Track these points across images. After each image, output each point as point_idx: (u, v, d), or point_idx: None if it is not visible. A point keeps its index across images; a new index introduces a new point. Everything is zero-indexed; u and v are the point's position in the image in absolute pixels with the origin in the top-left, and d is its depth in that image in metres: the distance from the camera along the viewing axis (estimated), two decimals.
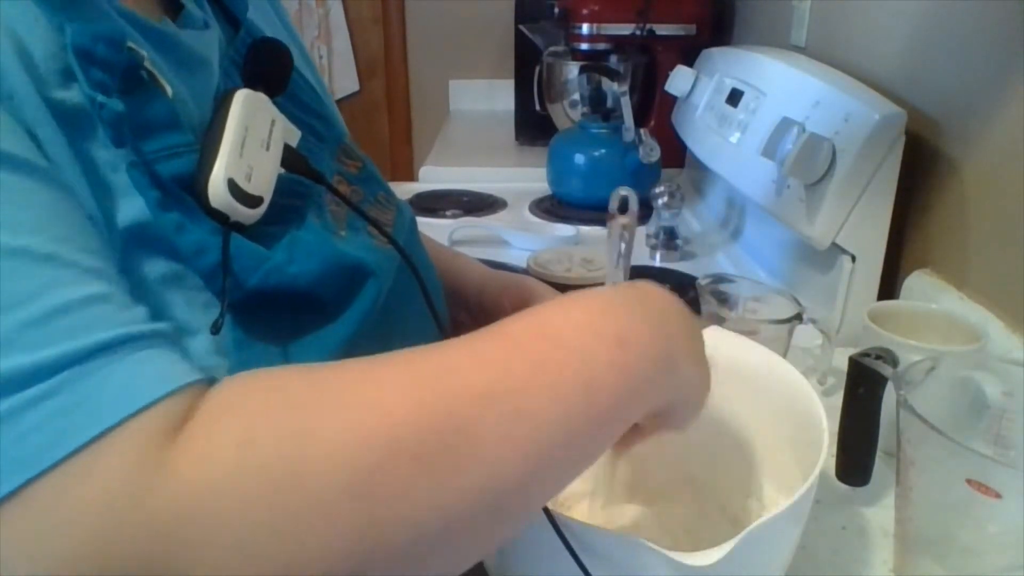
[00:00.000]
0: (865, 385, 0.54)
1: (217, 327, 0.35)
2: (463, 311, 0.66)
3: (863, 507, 0.60)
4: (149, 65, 0.36)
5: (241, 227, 0.38)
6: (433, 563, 0.29)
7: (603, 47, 1.47)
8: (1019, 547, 0.44)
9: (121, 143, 0.34)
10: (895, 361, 0.54)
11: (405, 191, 1.37)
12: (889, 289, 0.85)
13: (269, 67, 0.46)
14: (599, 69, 1.32)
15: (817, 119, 0.85)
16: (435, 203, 1.33)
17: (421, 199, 1.34)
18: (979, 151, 0.74)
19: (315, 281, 0.40)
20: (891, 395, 0.50)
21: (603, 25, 1.45)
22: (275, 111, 0.42)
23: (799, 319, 0.67)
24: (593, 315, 0.34)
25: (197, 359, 0.35)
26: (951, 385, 0.53)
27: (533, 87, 1.59)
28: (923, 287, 0.78)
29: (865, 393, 0.55)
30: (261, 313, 0.38)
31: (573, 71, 1.47)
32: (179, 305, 0.36)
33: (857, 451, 0.57)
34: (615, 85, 1.25)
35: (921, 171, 0.81)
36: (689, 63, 1.31)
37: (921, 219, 0.83)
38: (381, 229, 0.47)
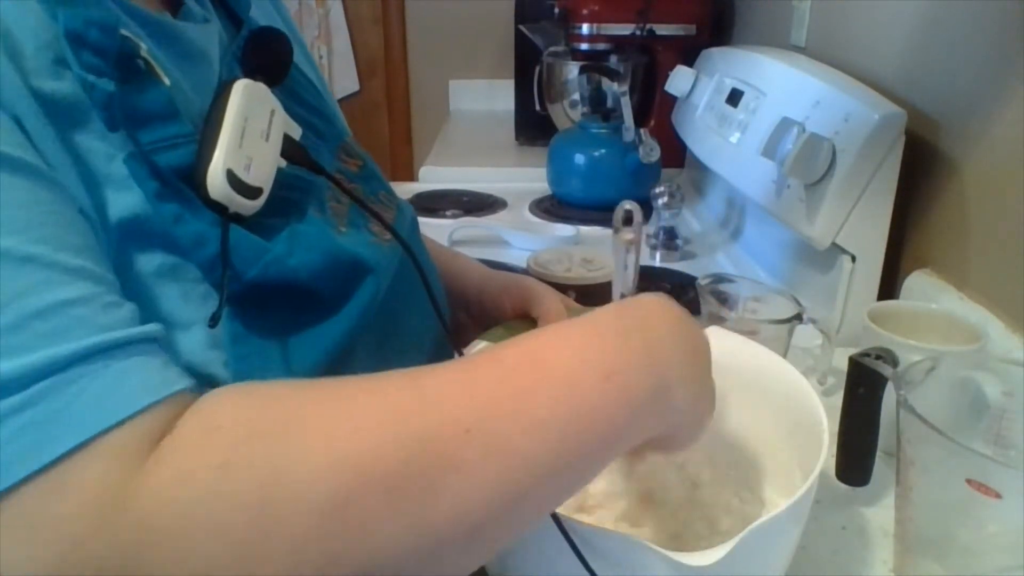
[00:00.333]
0: (865, 385, 0.54)
1: (216, 319, 0.35)
2: (463, 311, 0.66)
3: (863, 507, 0.60)
4: (146, 54, 0.36)
5: (241, 218, 0.38)
6: None
7: (603, 47, 1.47)
8: (1019, 547, 0.44)
9: (114, 126, 0.34)
10: (895, 361, 0.54)
11: (405, 191, 1.37)
12: (889, 289, 0.85)
13: (268, 56, 0.45)
14: (599, 69, 1.32)
15: (817, 119, 0.85)
16: (435, 203, 1.33)
17: (421, 199, 1.34)
18: (979, 151, 0.74)
19: (314, 275, 0.40)
20: (891, 395, 0.50)
21: (603, 25, 1.45)
22: (274, 101, 0.42)
23: (799, 319, 0.67)
24: (585, 347, 0.34)
25: (192, 354, 0.35)
26: (951, 385, 0.53)
27: (533, 87, 1.59)
28: (923, 287, 0.78)
29: (865, 393, 0.55)
30: (259, 307, 0.38)
31: (573, 71, 1.47)
32: (175, 298, 0.35)
33: (857, 451, 0.57)
34: (615, 85, 1.25)
35: (921, 171, 0.81)
36: (689, 63, 1.30)
37: (921, 219, 0.83)
38: (384, 222, 0.47)
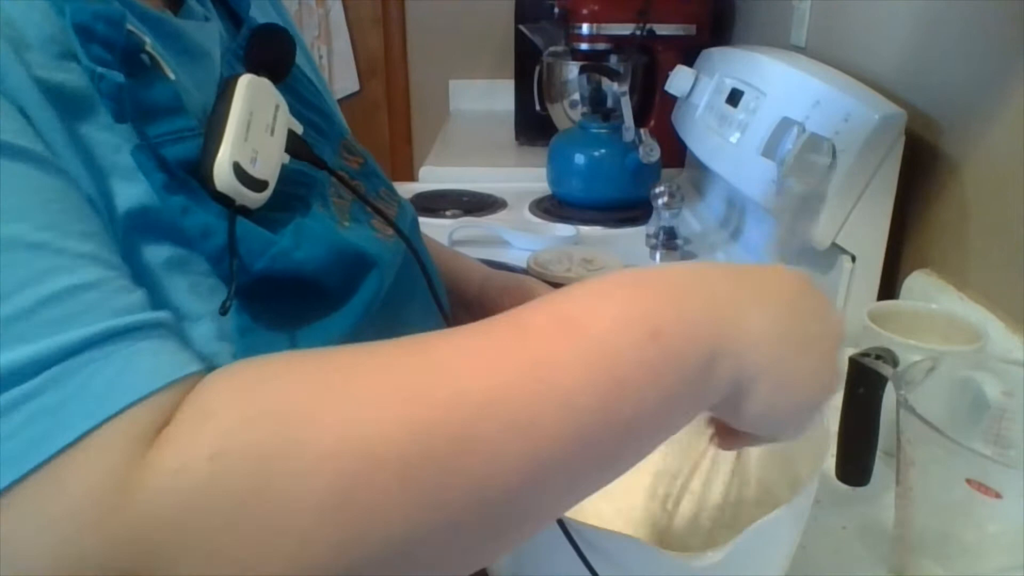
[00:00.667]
0: (865, 385, 0.54)
1: (225, 309, 0.35)
2: (464, 311, 0.66)
3: (863, 507, 0.60)
4: (151, 49, 0.36)
5: (247, 211, 0.38)
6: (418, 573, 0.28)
7: (603, 47, 1.47)
8: (1019, 547, 0.44)
9: (123, 118, 0.34)
10: (895, 361, 0.54)
11: (405, 191, 1.37)
12: (889, 289, 0.85)
13: (272, 53, 0.46)
14: (599, 69, 1.32)
15: (817, 119, 0.85)
16: (435, 203, 1.33)
17: (421, 199, 1.34)
18: (979, 151, 0.74)
19: (320, 268, 0.40)
20: (891, 395, 0.50)
21: (603, 25, 1.45)
22: (279, 96, 0.42)
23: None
24: (629, 302, 0.30)
25: (200, 346, 0.35)
26: (951, 385, 0.53)
27: (533, 87, 1.59)
28: (923, 287, 0.78)
29: (865, 393, 0.55)
30: (266, 300, 0.38)
31: (573, 71, 1.47)
32: (182, 291, 0.35)
33: (857, 451, 0.57)
34: (615, 85, 1.25)
35: (921, 171, 0.81)
36: (689, 63, 1.30)
37: (921, 219, 0.83)
38: (386, 218, 0.47)
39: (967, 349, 0.61)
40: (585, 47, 1.47)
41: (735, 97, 1.08)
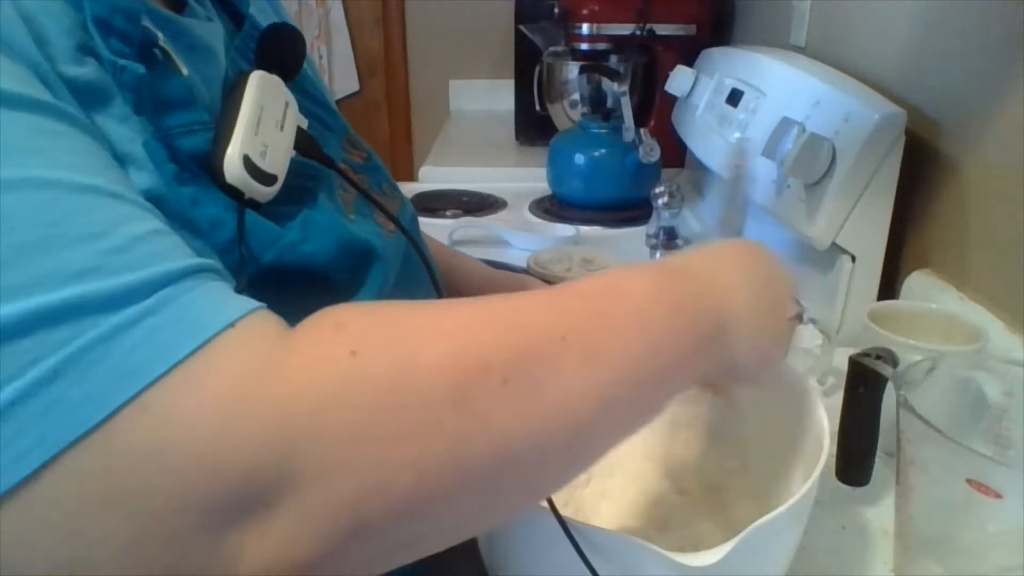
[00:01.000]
0: (865, 385, 0.54)
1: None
2: None
3: (863, 507, 0.60)
4: (164, 44, 0.37)
5: (256, 205, 0.38)
6: (510, 492, 0.31)
7: (603, 47, 1.47)
8: (1019, 547, 0.44)
9: (142, 109, 0.35)
10: (895, 361, 0.54)
11: (405, 191, 1.36)
12: (889, 289, 0.85)
13: (283, 51, 0.46)
14: (599, 69, 1.32)
15: (817, 119, 0.85)
16: (435, 203, 1.33)
17: (421, 199, 1.34)
18: (979, 151, 0.74)
19: (328, 261, 0.41)
20: (891, 395, 0.50)
21: (603, 25, 1.45)
22: (288, 94, 0.43)
23: (799, 319, 0.66)
24: (656, 282, 0.38)
25: None
26: (951, 385, 0.53)
27: (533, 87, 1.59)
28: (923, 287, 0.78)
29: (865, 393, 0.55)
30: (275, 293, 0.39)
31: (573, 71, 1.47)
32: None
33: (857, 451, 0.57)
34: (615, 85, 1.25)
35: (921, 171, 0.81)
36: (689, 63, 1.30)
37: (921, 219, 0.83)
38: (389, 214, 0.47)
39: (967, 349, 0.61)
40: (585, 47, 1.47)
41: (735, 97, 1.08)
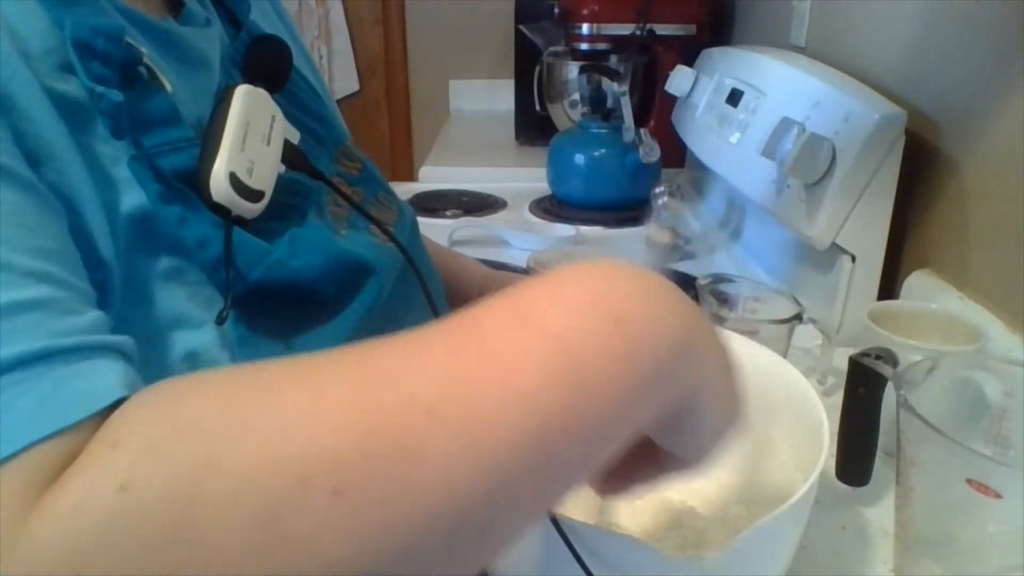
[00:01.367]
0: (865, 385, 0.54)
1: (222, 318, 0.35)
2: None
3: (863, 507, 0.60)
4: (148, 61, 0.37)
5: (243, 221, 0.38)
6: None
7: (603, 47, 1.47)
8: (1019, 547, 0.44)
9: (120, 135, 0.34)
10: (895, 361, 0.54)
11: (405, 191, 1.37)
12: (889, 289, 0.85)
13: (269, 63, 0.46)
14: (599, 69, 1.32)
15: (817, 119, 0.85)
16: (435, 203, 1.33)
17: (421, 199, 1.34)
18: (979, 151, 0.74)
19: (317, 277, 0.40)
20: (891, 395, 0.50)
21: (603, 25, 1.45)
22: (275, 107, 0.42)
23: (799, 319, 0.67)
24: (586, 290, 0.28)
25: (206, 352, 0.35)
26: (951, 385, 0.53)
27: (533, 87, 1.59)
28: (923, 287, 0.78)
29: (865, 393, 0.55)
30: (264, 310, 0.38)
31: (573, 71, 1.47)
32: (182, 299, 0.36)
33: (857, 451, 0.57)
34: (615, 85, 1.25)
35: (921, 171, 0.81)
36: (689, 63, 1.30)
37: (921, 219, 0.83)
38: (382, 227, 0.47)
39: (967, 349, 0.61)
40: (585, 47, 1.47)
41: (735, 97, 1.08)
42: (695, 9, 1.47)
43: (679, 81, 1.27)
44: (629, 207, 1.25)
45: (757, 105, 1.01)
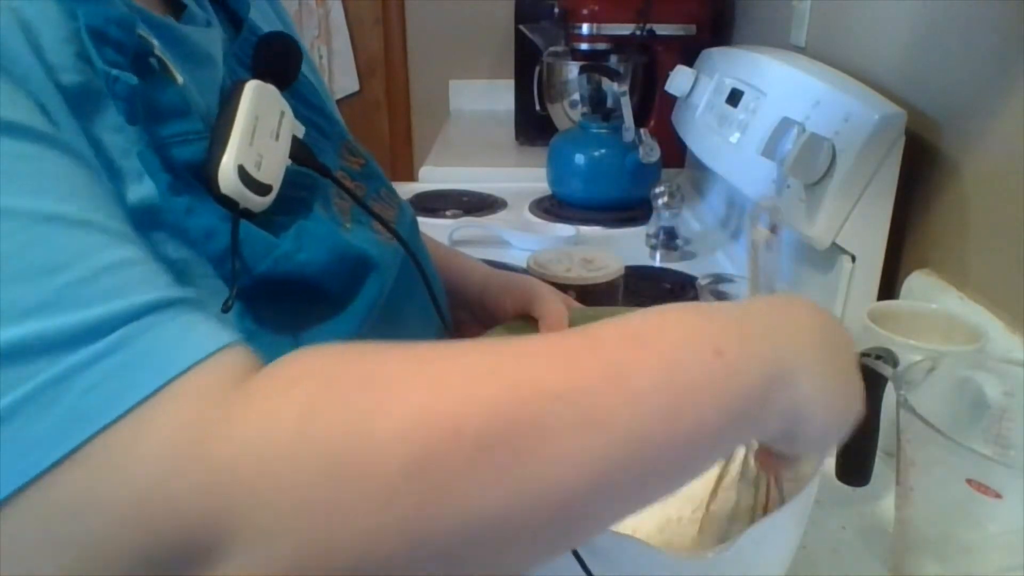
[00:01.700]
0: (865, 385, 0.54)
1: (227, 307, 0.35)
2: (464, 310, 0.66)
3: (863, 507, 0.60)
4: (159, 53, 0.37)
5: (250, 214, 0.38)
6: (484, 563, 0.28)
7: (603, 47, 1.47)
8: (1019, 547, 0.44)
9: (134, 119, 0.35)
10: (895, 361, 0.54)
11: (405, 191, 1.37)
12: (889, 289, 0.85)
13: (278, 60, 0.46)
14: (599, 69, 1.32)
15: (817, 119, 0.85)
16: (435, 203, 1.33)
17: (421, 199, 1.34)
18: (979, 151, 0.74)
19: (323, 270, 0.40)
20: (891, 395, 0.50)
21: (603, 25, 1.45)
22: (284, 103, 0.43)
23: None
24: (690, 324, 0.32)
25: None
26: (951, 385, 0.53)
27: (533, 87, 1.59)
28: (923, 287, 0.78)
29: (865, 393, 0.55)
30: (270, 304, 0.39)
31: (573, 71, 1.47)
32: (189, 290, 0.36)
33: (857, 451, 0.57)
34: (615, 85, 1.25)
35: (921, 171, 0.81)
36: (689, 63, 1.31)
37: (921, 219, 0.83)
38: (384, 223, 0.47)
39: (967, 349, 0.61)
40: (585, 47, 1.47)
41: (735, 97, 1.08)
42: (695, 9, 1.47)
43: (679, 81, 1.27)
44: (629, 207, 1.25)
45: (757, 105, 1.01)
